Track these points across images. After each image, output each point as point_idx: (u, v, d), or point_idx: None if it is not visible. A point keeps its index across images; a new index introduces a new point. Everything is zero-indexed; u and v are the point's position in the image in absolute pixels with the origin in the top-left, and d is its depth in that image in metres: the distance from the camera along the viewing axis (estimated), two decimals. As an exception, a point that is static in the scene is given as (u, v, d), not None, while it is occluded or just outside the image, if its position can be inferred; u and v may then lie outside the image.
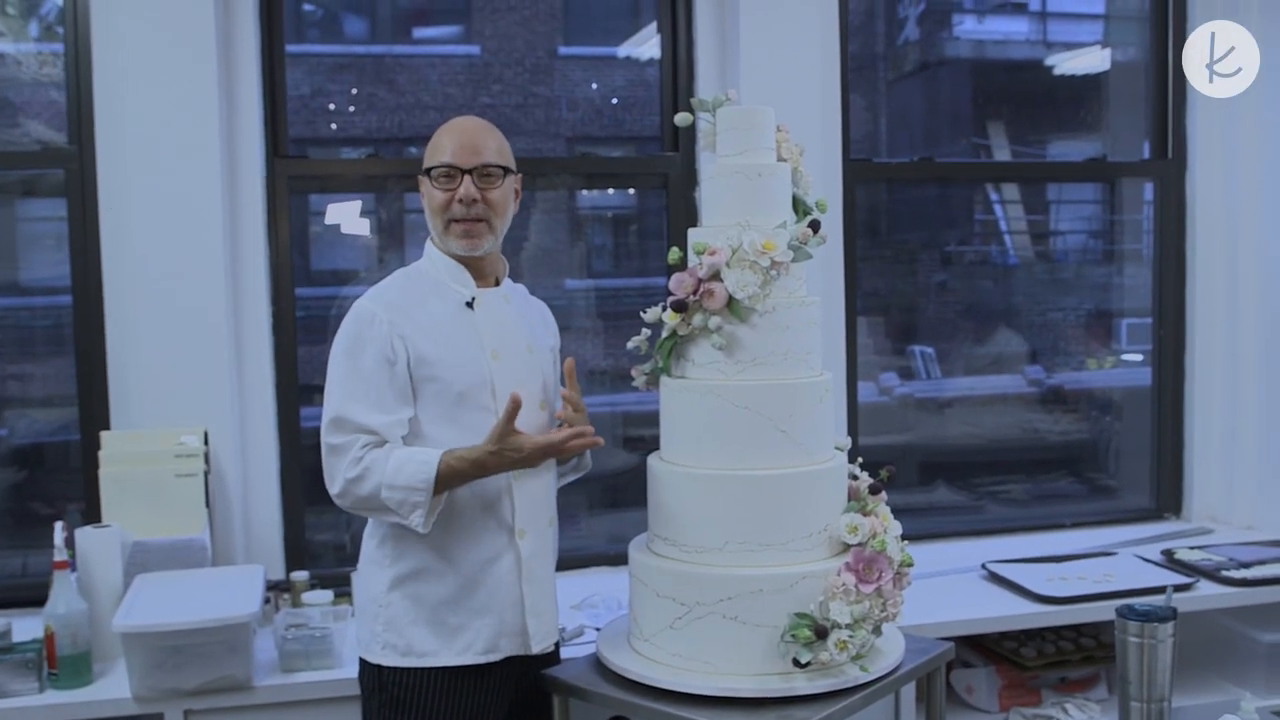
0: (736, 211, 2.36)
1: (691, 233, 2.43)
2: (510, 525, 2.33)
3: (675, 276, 2.33)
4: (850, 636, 2.17)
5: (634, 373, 2.49)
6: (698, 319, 2.30)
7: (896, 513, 2.41)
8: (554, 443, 2.24)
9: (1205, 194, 4.04)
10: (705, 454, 2.31)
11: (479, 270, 2.40)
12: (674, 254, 2.42)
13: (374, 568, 2.35)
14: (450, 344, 2.31)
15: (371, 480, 2.21)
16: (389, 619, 2.31)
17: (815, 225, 2.37)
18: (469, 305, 2.36)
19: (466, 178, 2.31)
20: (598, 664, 2.40)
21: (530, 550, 2.35)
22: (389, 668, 2.30)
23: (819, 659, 2.17)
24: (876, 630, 2.27)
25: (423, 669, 2.29)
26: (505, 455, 2.21)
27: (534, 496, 2.37)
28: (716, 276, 2.28)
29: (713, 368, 2.31)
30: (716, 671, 2.22)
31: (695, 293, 2.30)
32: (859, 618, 2.19)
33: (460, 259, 2.37)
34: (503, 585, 2.32)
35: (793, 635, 2.17)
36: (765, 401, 2.27)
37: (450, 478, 2.21)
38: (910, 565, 2.32)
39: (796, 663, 2.17)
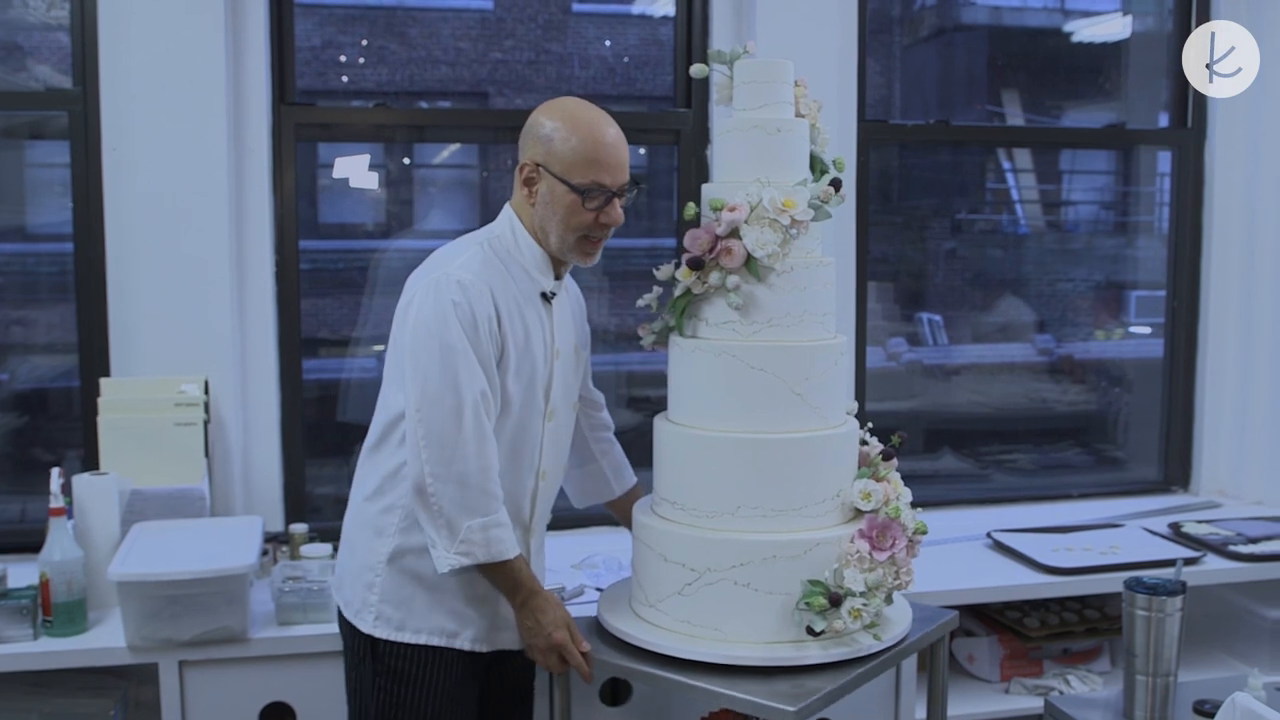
0: (752, 167, 2.30)
1: (706, 188, 2.36)
2: (526, 523, 2.32)
3: (691, 233, 2.27)
4: (864, 604, 2.14)
5: (642, 331, 2.44)
6: (714, 277, 2.24)
7: (902, 479, 2.38)
8: (569, 652, 2.20)
9: (1224, 165, 3.98)
10: (717, 416, 2.27)
11: (561, 266, 2.34)
12: (690, 209, 2.35)
13: (372, 533, 2.27)
14: (527, 335, 2.24)
15: (487, 512, 2.13)
16: (384, 590, 2.24)
17: (837, 184, 2.31)
18: (544, 298, 2.29)
19: (616, 200, 2.23)
20: (599, 628, 2.37)
21: (535, 546, 2.36)
22: (384, 640, 2.24)
23: (833, 627, 2.14)
24: (889, 598, 2.23)
25: (419, 645, 2.24)
26: (533, 618, 2.19)
27: (548, 498, 2.39)
28: (735, 234, 2.22)
29: (727, 328, 2.26)
30: (727, 639, 2.19)
31: (712, 250, 2.23)
32: (873, 585, 2.16)
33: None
34: None
35: (807, 603, 2.14)
36: (781, 363, 2.22)
37: (500, 573, 2.17)
38: (924, 533, 2.29)
39: (811, 631, 2.14)
